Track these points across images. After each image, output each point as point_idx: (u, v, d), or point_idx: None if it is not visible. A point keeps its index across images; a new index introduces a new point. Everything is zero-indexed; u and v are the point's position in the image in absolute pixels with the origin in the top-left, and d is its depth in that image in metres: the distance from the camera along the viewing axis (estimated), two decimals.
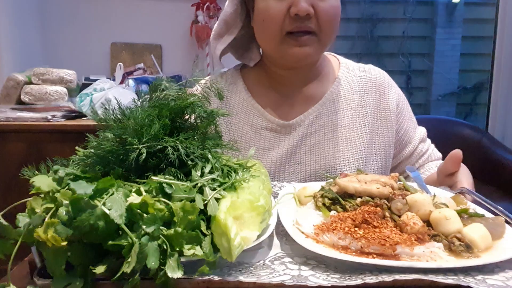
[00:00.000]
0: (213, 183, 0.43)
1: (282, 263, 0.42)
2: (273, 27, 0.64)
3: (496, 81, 2.11)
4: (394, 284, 0.37)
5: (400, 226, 0.44)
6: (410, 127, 0.78)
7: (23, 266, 0.47)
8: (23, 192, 0.42)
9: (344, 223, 0.44)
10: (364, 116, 0.74)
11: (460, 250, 0.40)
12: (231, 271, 0.39)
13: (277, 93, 0.75)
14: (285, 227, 0.46)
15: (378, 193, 0.48)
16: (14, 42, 1.84)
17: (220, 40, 0.73)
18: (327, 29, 0.64)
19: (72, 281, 0.36)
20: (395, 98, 0.77)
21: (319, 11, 0.62)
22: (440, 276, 0.37)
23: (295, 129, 0.72)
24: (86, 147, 0.48)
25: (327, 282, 0.37)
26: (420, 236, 0.42)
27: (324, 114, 0.73)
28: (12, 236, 0.40)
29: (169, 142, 0.44)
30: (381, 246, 0.40)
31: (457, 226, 0.42)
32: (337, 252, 0.41)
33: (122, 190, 0.37)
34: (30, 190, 0.41)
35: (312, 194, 0.54)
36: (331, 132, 0.72)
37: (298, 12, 0.61)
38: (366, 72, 0.78)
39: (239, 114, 0.75)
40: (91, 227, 0.34)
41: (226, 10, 0.71)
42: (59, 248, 0.36)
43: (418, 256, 0.40)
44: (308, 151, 0.71)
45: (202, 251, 0.36)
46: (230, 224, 0.37)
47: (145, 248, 0.33)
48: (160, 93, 0.51)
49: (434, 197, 0.50)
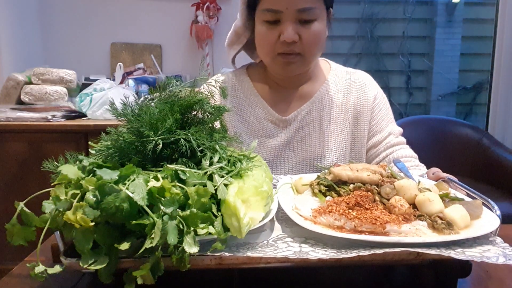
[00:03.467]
0: (221, 171, 0.48)
1: (284, 242, 0.47)
2: (266, 49, 0.78)
3: (496, 81, 2.10)
4: (385, 257, 0.42)
5: (389, 208, 0.49)
6: (382, 120, 0.87)
7: (23, 266, 0.51)
8: (24, 191, 0.45)
9: (339, 206, 0.49)
10: (346, 112, 0.86)
11: (442, 228, 0.46)
12: (239, 249, 0.44)
13: (276, 91, 0.87)
14: (285, 211, 0.51)
15: (369, 180, 0.53)
16: (14, 42, 1.86)
17: (232, 47, 0.88)
18: (310, 51, 0.77)
19: (99, 258, 0.40)
20: (373, 94, 0.88)
21: (304, 37, 0.74)
22: (425, 249, 0.42)
23: (290, 124, 0.85)
24: (98, 143, 0.52)
25: (326, 256, 0.42)
26: (407, 216, 0.47)
27: (314, 110, 0.85)
28: (34, 223, 0.44)
29: (181, 135, 0.48)
30: (372, 225, 0.45)
31: (439, 207, 0.48)
32: (334, 231, 0.46)
33: (142, 177, 0.41)
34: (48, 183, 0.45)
35: (308, 183, 0.58)
36: (318, 126, 0.85)
37: (285, 39, 0.73)
38: (351, 75, 0.90)
39: (246, 106, 0.86)
40: (117, 209, 0.38)
41: (237, 23, 0.85)
42: (86, 229, 0.40)
43: (405, 233, 0.45)
44: (300, 141, 0.84)
45: (214, 229, 0.41)
46: (239, 206, 0.41)
47: (166, 226, 0.38)
48: (169, 91, 0.55)
49: (419, 183, 0.55)
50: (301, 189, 0.59)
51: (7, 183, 1.54)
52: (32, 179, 1.52)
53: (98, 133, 0.54)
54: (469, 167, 1.99)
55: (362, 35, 2.87)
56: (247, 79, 0.88)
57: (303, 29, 0.74)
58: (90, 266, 0.39)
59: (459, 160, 1.99)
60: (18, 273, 0.51)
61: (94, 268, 0.39)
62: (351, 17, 2.86)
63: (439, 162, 0.97)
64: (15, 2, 1.87)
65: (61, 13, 2.02)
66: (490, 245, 0.44)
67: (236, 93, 0.87)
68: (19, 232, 0.43)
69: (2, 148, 1.54)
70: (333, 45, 2.84)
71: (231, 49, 0.87)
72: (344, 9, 2.87)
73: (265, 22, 0.75)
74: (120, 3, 2.02)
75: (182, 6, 1.99)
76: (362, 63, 2.92)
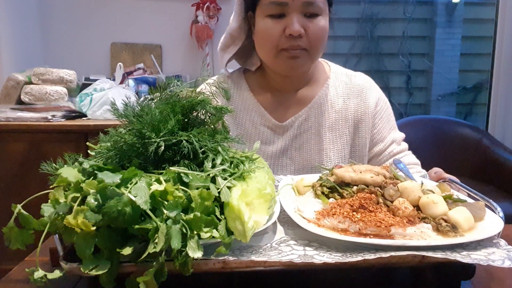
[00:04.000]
0: (224, 173, 0.47)
1: (288, 245, 0.46)
2: (270, 44, 0.74)
3: (496, 81, 2.09)
4: (390, 260, 0.41)
5: (392, 211, 0.49)
6: (384, 128, 0.84)
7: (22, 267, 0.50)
8: (24, 191, 0.44)
9: (342, 208, 0.48)
10: (346, 118, 0.83)
11: (447, 230, 0.45)
12: (243, 253, 0.44)
13: (274, 96, 0.84)
14: (288, 213, 0.50)
15: (372, 181, 0.53)
16: (14, 42, 1.85)
17: (226, 51, 0.83)
18: (316, 46, 0.74)
19: (100, 263, 0.39)
20: (375, 100, 0.85)
21: (309, 31, 0.72)
22: (430, 253, 0.42)
23: (287, 130, 0.82)
24: (96, 144, 0.51)
25: (331, 259, 0.41)
26: (411, 219, 0.47)
27: (312, 116, 0.82)
28: (32, 226, 0.43)
29: (183, 136, 0.48)
30: (377, 228, 0.45)
31: (444, 209, 0.47)
32: (338, 234, 0.45)
33: (144, 180, 0.41)
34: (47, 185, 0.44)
35: (310, 184, 0.58)
36: (317, 132, 0.82)
37: (291, 33, 0.71)
38: (351, 79, 0.86)
39: (243, 111, 0.84)
40: (119, 213, 0.38)
41: (232, 25, 0.81)
42: (87, 233, 0.39)
43: (410, 236, 0.45)
44: (298, 148, 0.82)
45: (218, 233, 0.40)
46: (243, 209, 0.41)
47: (170, 230, 0.37)
48: (170, 91, 0.54)
49: (422, 185, 0.55)
50: (303, 190, 0.59)
51: (7, 183, 1.53)
52: (32, 179, 1.51)
53: (98, 133, 0.54)
54: (469, 167, 1.99)
55: (362, 35, 2.86)
56: (243, 83, 0.85)
57: (309, 23, 0.72)
58: (91, 271, 0.38)
59: (459, 160, 1.99)
60: (15, 277, 0.50)
61: (96, 273, 0.38)
62: (351, 17, 2.86)
63: (439, 162, 0.97)
64: (15, 2, 1.86)
65: (61, 13, 2.02)
66: (494, 247, 0.44)
67: (231, 96, 0.83)
68: (17, 235, 0.42)
69: (2, 148, 1.54)
70: (333, 45, 2.83)
71: (225, 53, 0.83)
72: (344, 9, 2.86)
73: (268, 16, 0.72)
74: (120, 3, 2.02)
75: (182, 6, 1.99)
76: (362, 63, 2.92)
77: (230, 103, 0.83)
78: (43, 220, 0.41)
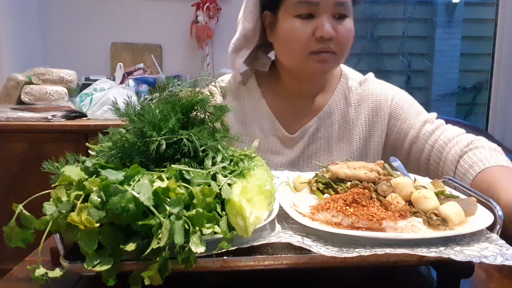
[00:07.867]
0: (224, 171, 0.48)
1: (286, 233, 0.47)
2: (297, 47, 0.70)
3: (495, 81, 2.09)
4: (388, 258, 0.42)
5: (385, 205, 0.50)
6: (410, 115, 0.80)
7: (24, 266, 0.51)
8: (24, 191, 0.45)
9: (336, 203, 0.49)
10: (357, 127, 0.80)
11: (437, 224, 0.46)
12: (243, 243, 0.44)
13: (286, 104, 0.81)
14: (284, 208, 0.51)
15: (365, 177, 0.54)
16: (14, 42, 1.86)
17: (238, 54, 0.79)
18: (344, 49, 0.72)
19: (103, 260, 0.40)
20: (388, 102, 0.80)
21: (339, 34, 0.69)
22: (424, 250, 0.42)
23: (297, 142, 0.80)
24: (96, 144, 0.53)
25: (328, 253, 0.42)
26: (403, 213, 0.48)
27: (322, 127, 0.80)
28: (34, 225, 0.43)
29: (183, 135, 0.49)
30: (369, 221, 0.46)
31: (434, 204, 0.49)
32: (331, 227, 0.46)
33: (147, 177, 0.42)
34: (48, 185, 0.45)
35: (306, 181, 0.59)
36: (326, 143, 0.80)
37: (323, 35, 0.68)
38: (362, 85, 0.83)
39: (252, 116, 0.81)
40: (122, 210, 0.39)
41: (246, 25, 0.77)
42: (91, 230, 0.40)
43: (401, 229, 0.45)
44: (307, 159, 0.80)
45: (220, 229, 0.42)
46: (244, 205, 0.42)
47: (173, 226, 0.39)
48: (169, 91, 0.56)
49: (415, 181, 0.56)
50: (299, 187, 0.60)
51: (8, 183, 1.54)
52: (33, 179, 1.52)
53: (98, 133, 0.54)
54: None
55: (362, 35, 2.87)
56: (255, 86, 0.81)
57: (338, 25, 0.69)
58: (95, 268, 0.39)
59: None
60: (16, 275, 0.50)
61: (99, 269, 0.39)
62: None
63: None
64: (15, 2, 1.87)
65: (61, 13, 2.02)
66: (486, 242, 0.45)
67: (241, 100, 0.81)
68: (18, 234, 0.42)
69: (2, 148, 1.55)
70: None
71: (238, 56, 0.78)
72: None
73: (297, 16, 0.68)
74: (120, 3, 2.02)
75: (182, 6, 2.00)
76: (362, 63, 2.93)
77: (241, 108, 0.81)
78: (44, 219, 0.41)
